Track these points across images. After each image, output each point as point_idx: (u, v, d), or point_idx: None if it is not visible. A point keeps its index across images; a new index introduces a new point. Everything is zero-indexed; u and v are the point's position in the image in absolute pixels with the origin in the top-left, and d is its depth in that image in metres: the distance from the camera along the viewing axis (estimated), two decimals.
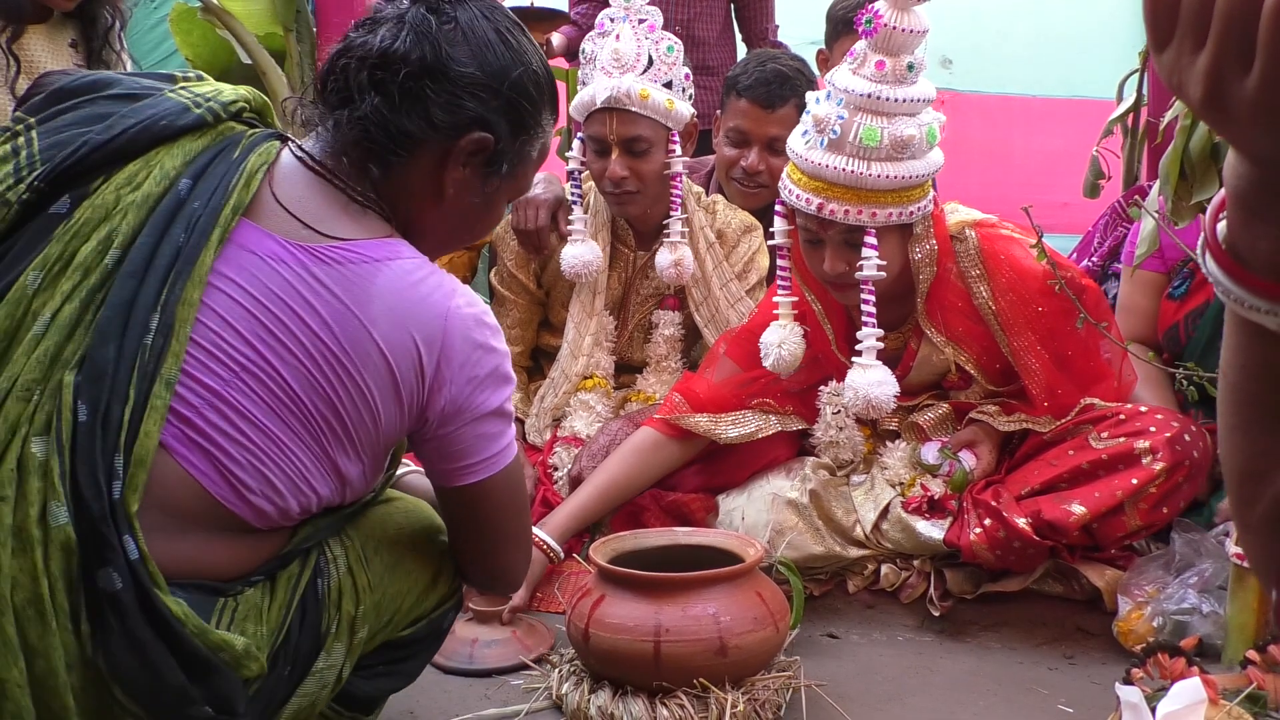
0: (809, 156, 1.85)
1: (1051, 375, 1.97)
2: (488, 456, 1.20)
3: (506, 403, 1.21)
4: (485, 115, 1.19)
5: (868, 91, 1.80)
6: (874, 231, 1.85)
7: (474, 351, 1.15)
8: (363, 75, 1.15)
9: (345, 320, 1.09)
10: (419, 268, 1.15)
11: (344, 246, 1.12)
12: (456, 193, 1.22)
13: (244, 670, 1.06)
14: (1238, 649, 1.63)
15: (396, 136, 1.16)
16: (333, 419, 1.10)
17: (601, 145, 2.22)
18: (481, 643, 1.79)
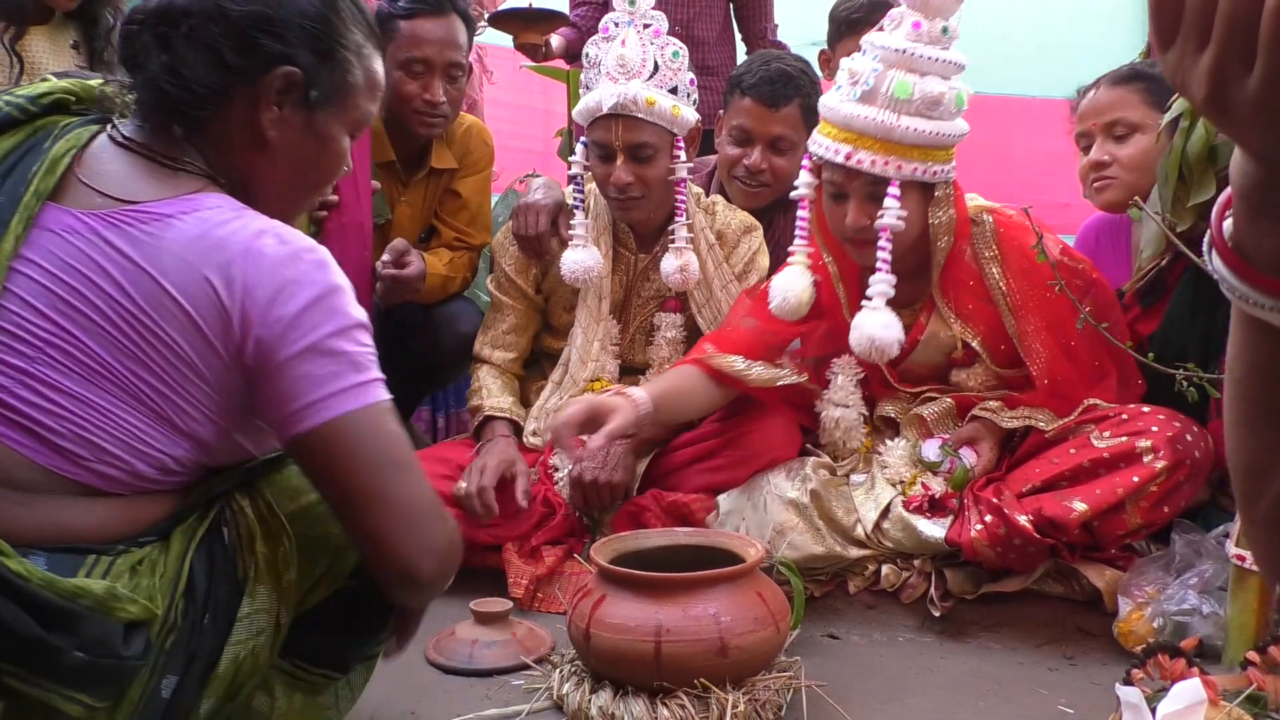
0: (841, 108, 1.92)
1: (1056, 361, 2.00)
2: (316, 399, 1.11)
3: (336, 340, 1.12)
4: (282, 50, 1.17)
5: (902, 48, 1.87)
6: (898, 184, 1.91)
7: (285, 285, 1.10)
8: (146, 36, 1.16)
9: (138, 279, 1.09)
10: (219, 214, 1.12)
11: (139, 208, 1.12)
12: (280, 135, 1.20)
13: (118, 612, 1.05)
14: (1238, 650, 1.63)
15: (195, 90, 1.15)
16: (149, 377, 1.10)
17: (606, 151, 2.22)
18: (481, 644, 1.79)
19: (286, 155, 1.22)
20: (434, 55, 2.48)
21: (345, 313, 1.14)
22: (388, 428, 1.16)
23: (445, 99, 2.52)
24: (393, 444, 1.17)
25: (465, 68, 2.58)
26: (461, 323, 2.62)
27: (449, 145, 2.68)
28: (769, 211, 2.59)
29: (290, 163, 1.23)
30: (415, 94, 2.50)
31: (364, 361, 1.15)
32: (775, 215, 2.62)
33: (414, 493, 1.17)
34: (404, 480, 1.16)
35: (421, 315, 2.61)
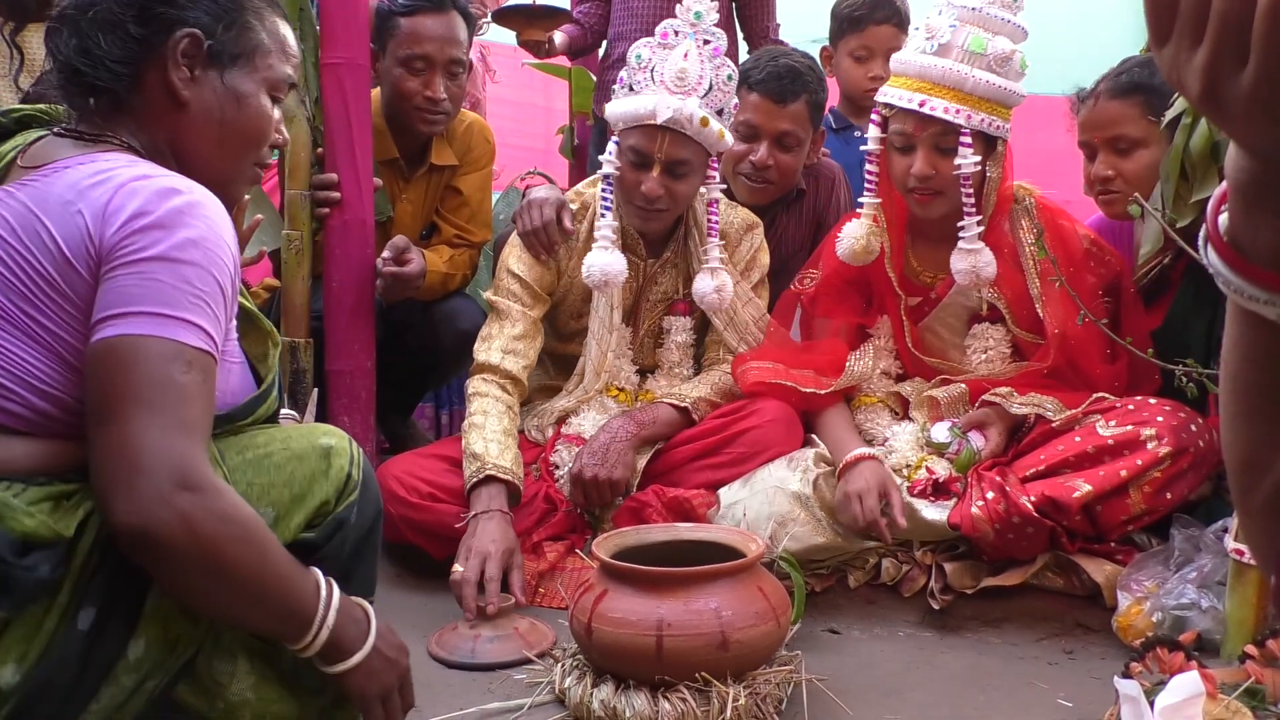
0: (915, 60, 2.05)
1: (1072, 322, 2.05)
2: (104, 316, 1.09)
3: (154, 265, 1.10)
4: (179, 14, 1.25)
5: (977, 6, 2.03)
6: (969, 132, 2.02)
7: (138, 212, 1.12)
8: (60, 27, 1.25)
9: (24, 219, 1.14)
10: (112, 162, 1.17)
11: (45, 167, 1.19)
12: (194, 95, 1.26)
13: (10, 521, 1.04)
14: (1236, 644, 1.64)
15: (107, 66, 1.23)
16: (36, 314, 1.13)
17: (644, 159, 2.18)
18: (484, 638, 1.80)
19: (205, 115, 1.27)
20: (435, 52, 2.49)
21: (181, 247, 1.12)
22: (150, 363, 1.08)
23: (446, 95, 2.52)
24: (149, 381, 1.07)
25: (466, 64, 2.59)
26: (461, 320, 2.63)
27: (450, 142, 2.69)
28: (772, 208, 2.59)
29: (211, 123, 1.28)
30: (416, 90, 2.51)
31: (174, 296, 1.10)
32: (778, 212, 2.63)
33: (140, 434, 1.06)
34: (133, 419, 1.06)
35: (421, 312, 2.62)
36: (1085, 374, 2.11)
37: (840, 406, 2.20)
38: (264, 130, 1.34)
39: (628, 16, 3.19)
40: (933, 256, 2.19)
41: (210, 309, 1.13)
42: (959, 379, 2.19)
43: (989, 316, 2.21)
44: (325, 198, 2.38)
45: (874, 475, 1.97)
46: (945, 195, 2.08)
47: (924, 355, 2.25)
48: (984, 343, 2.20)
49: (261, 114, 1.33)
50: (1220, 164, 1.94)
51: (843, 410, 2.20)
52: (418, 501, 2.11)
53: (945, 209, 2.09)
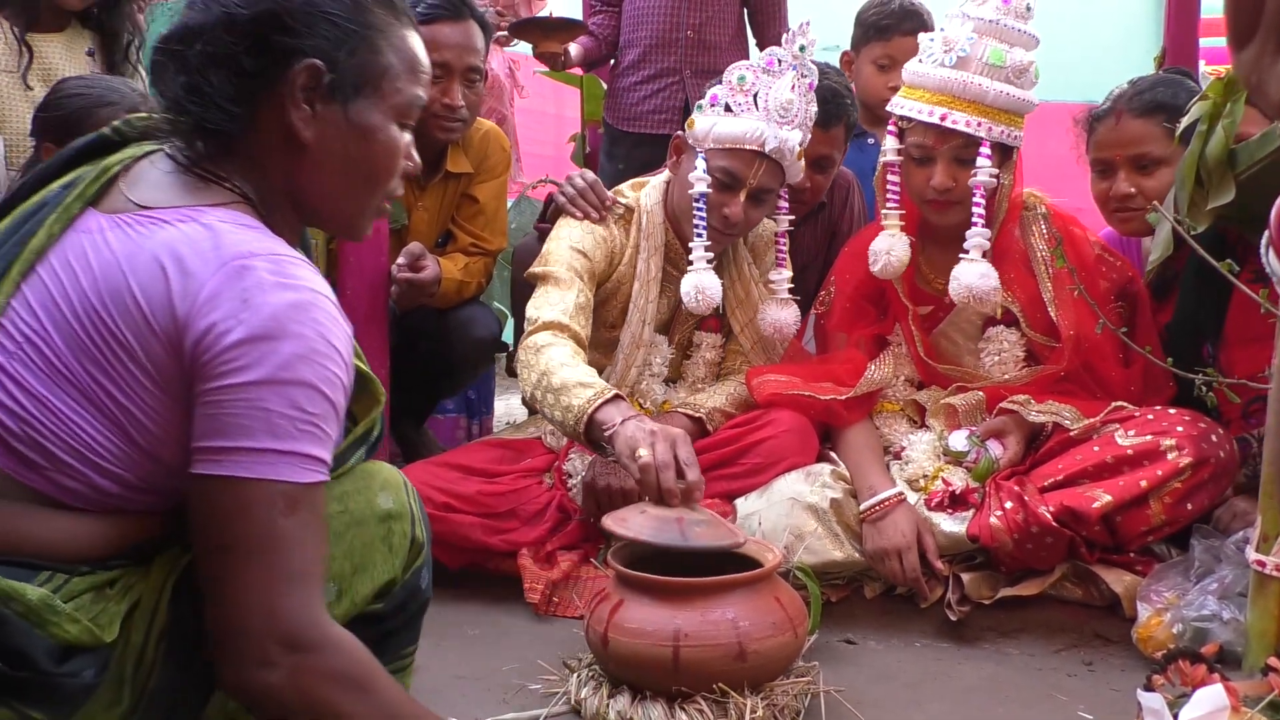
0: (934, 73, 2.06)
1: (1086, 325, 2.05)
2: (209, 446, 1.01)
3: (264, 390, 1.00)
4: (298, 43, 1.11)
5: (994, 19, 2.04)
6: (988, 144, 2.03)
7: (239, 307, 1.01)
8: (166, 62, 1.14)
9: (110, 275, 1.04)
10: (219, 225, 1.06)
11: (146, 212, 1.08)
12: (317, 134, 1.14)
13: (52, 627, 0.99)
14: (1259, 656, 1.62)
15: (219, 105, 1.11)
16: (106, 382, 1.04)
17: (734, 182, 2.14)
18: (689, 521, 1.62)
19: (330, 155, 1.16)
20: (452, 59, 2.50)
21: (289, 365, 1.01)
22: (256, 511, 1.01)
23: (463, 103, 2.53)
24: (253, 533, 1.01)
25: (483, 72, 2.60)
26: (476, 327, 2.63)
27: (466, 150, 2.69)
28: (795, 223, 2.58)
29: (336, 163, 1.16)
30: (434, 98, 2.51)
31: (282, 426, 1.01)
32: (803, 228, 2.61)
33: (244, 595, 1.01)
34: (238, 576, 1.01)
35: (436, 320, 2.62)
36: (1100, 377, 2.11)
37: (863, 426, 2.17)
38: (393, 163, 1.21)
39: (638, 23, 3.19)
40: (945, 264, 2.18)
41: (321, 430, 1.04)
42: (975, 385, 2.18)
43: (1003, 320, 2.21)
44: None
45: (909, 527, 1.95)
46: (963, 205, 2.08)
47: (937, 363, 2.24)
48: (998, 345, 2.19)
49: (390, 147, 1.20)
50: (1236, 171, 1.93)
51: (866, 430, 2.16)
52: (432, 512, 2.08)
53: (961, 217, 2.09)
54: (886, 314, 2.31)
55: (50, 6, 2.39)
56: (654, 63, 3.16)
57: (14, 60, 2.33)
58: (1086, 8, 4.38)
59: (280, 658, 1.00)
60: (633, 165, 2.82)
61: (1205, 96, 1.94)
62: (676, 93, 3.15)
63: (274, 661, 1.00)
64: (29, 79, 2.32)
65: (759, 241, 2.38)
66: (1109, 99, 2.28)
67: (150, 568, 1.10)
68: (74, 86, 2.05)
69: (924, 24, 2.96)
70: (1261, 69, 0.52)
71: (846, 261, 2.31)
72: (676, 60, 3.14)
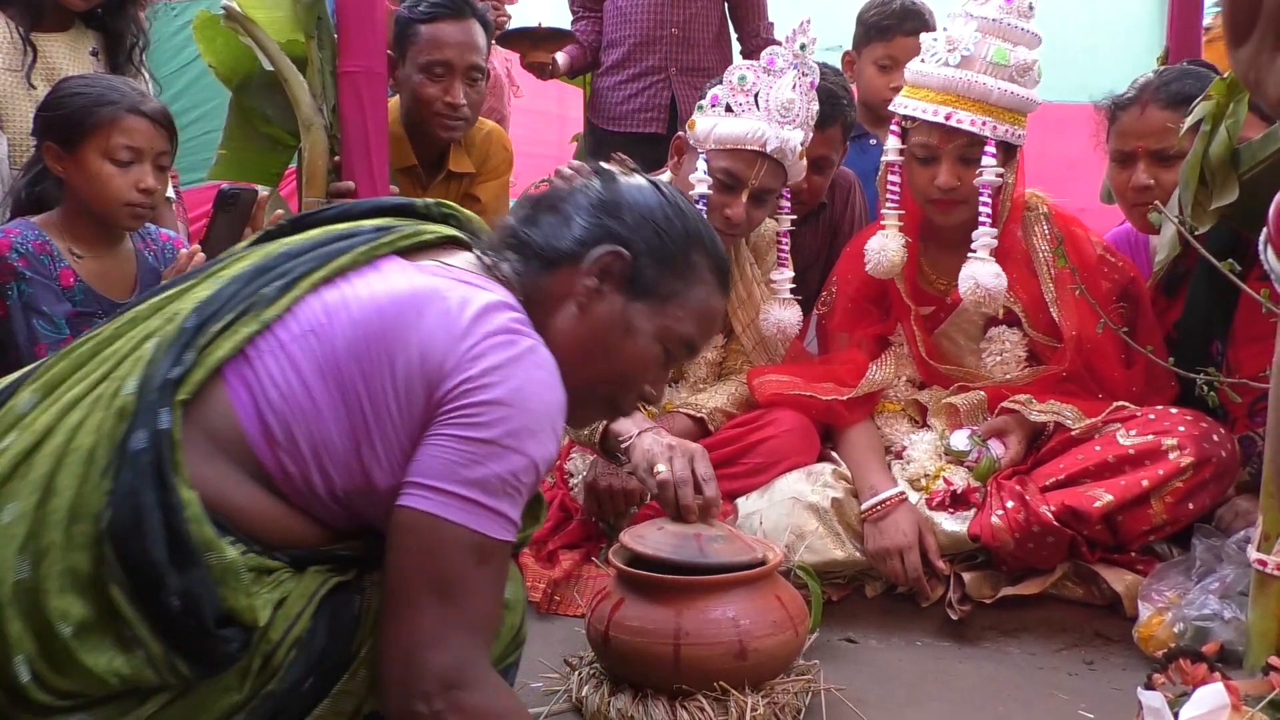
0: (939, 73, 2.04)
1: (1088, 325, 2.05)
2: (459, 494, 1.10)
3: (487, 450, 1.10)
4: (624, 233, 1.28)
5: (998, 18, 2.03)
6: (993, 143, 2.02)
7: (502, 366, 1.12)
8: (535, 204, 1.34)
9: (401, 301, 1.16)
10: (501, 302, 1.17)
11: (449, 269, 1.22)
12: (589, 306, 1.27)
13: (225, 590, 1.07)
14: (1260, 655, 1.62)
15: (544, 241, 1.28)
16: (363, 389, 1.13)
17: (735, 183, 2.13)
18: (706, 538, 1.62)
19: (589, 328, 1.27)
20: (454, 58, 2.50)
21: (519, 436, 1.11)
22: (452, 552, 1.10)
23: (466, 102, 2.53)
24: (446, 572, 1.10)
25: (485, 71, 2.61)
26: None
27: (468, 150, 2.70)
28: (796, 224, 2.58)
29: (590, 337, 1.27)
30: (436, 97, 2.52)
31: (496, 486, 1.11)
32: (804, 229, 2.61)
33: (422, 628, 1.09)
34: (421, 610, 1.09)
35: None
36: (1102, 377, 2.11)
37: (864, 426, 2.17)
38: (637, 375, 1.31)
39: (621, 23, 3.18)
40: (947, 263, 2.19)
41: (521, 497, 1.14)
42: (976, 385, 2.18)
43: (1005, 320, 2.20)
44: None
45: (911, 526, 1.95)
46: (967, 204, 2.08)
47: (939, 363, 2.24)
48: (1000, 345, 2.19)
49: (643, 357, 1.30)
50: (1240, 171, 1.93)
51: (867, 430, 2.17)
52: None
53: (965, 216, 2.09)
54: (888, 314, 2.31)
55: (54, 6, 2.40)
56: (638, 62, 3.15)
57: (18, 59, 2.33)
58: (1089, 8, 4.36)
59: (439, 696, 1.08)
60: None
61: (1209, 96, 1.94)
62: (662, 91, 3.14)
63: (431, 697, 1.07)
64: (33, 78, 2.33)
65: (761, 241, 2.38)
66: (1134, 88, 2.24)
67: (304, 575, 1.16)
68: (75, 85, 2.05)
69: (925, 24, 2.96)
70: (1260, 66, 0.52)
71: (848, 262, 2.31)
72: (661, 58, 3.13)
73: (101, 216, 2.03)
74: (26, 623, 1.02)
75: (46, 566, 1.03)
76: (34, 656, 1.02)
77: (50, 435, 1.09)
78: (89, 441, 1.07)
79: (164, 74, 3.21)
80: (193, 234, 2.67)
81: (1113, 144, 2.28)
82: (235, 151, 2.61)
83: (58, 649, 1.03)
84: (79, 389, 1.13)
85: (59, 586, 1.03)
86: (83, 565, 1.04)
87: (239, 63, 2.54)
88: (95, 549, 1.04)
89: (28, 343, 1.94)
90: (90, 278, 2.04)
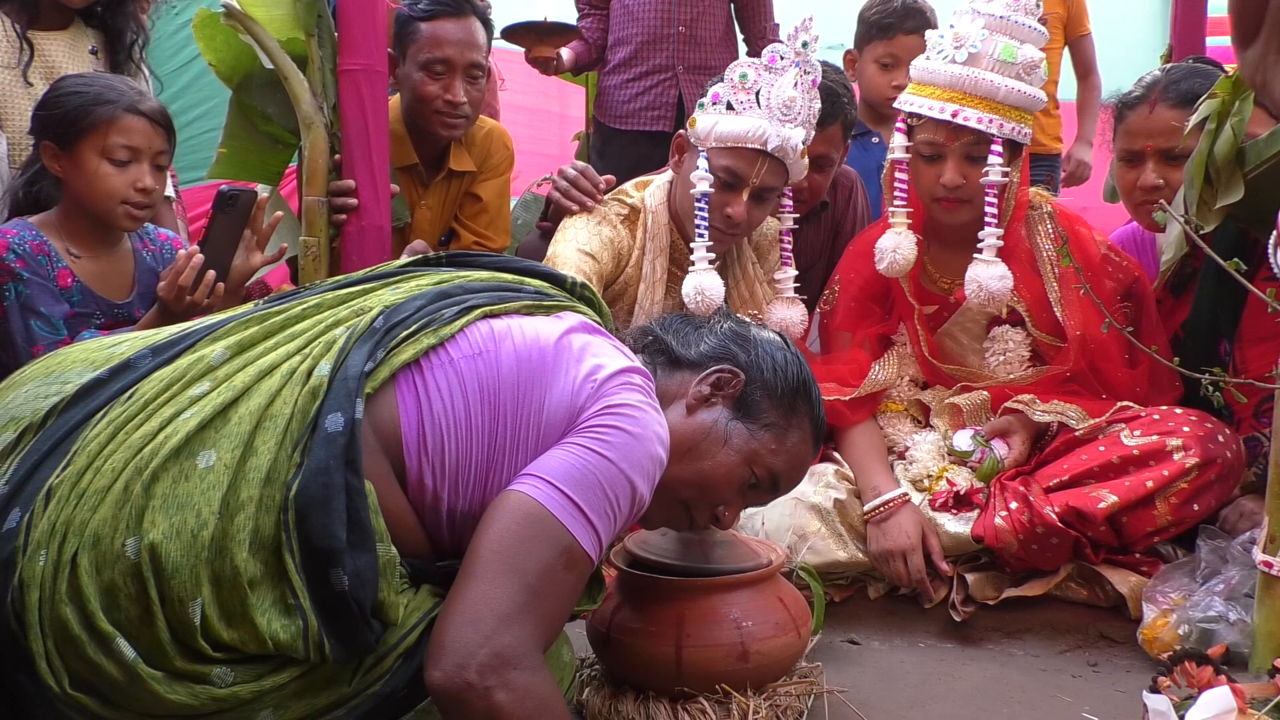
0: (945, 70, 2.03)
1: (1092, 324, 2.04)
2: (570, 495, 1.18)
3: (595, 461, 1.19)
4: (745, 361, 1.42)
5: (1005, 15, 2.02)
6: (1000, 142, 2.01)
7: (636, 401, 1.24)
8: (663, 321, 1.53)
9: (561, 345, 1.28)
10: (641, 367, 1.32)
11: (604, 333, 1.37)
12: (694, 411, 1.40)
13: (384, 584, 1.14)
14: (1265, 657, 1.61)
15: (667, 345, 1.45)
16: (510, 419, 1.23)
17: (736, 181, 2.11)
18: (710, 544, 1.62)
19: (690, 430, 1.39)
20: (455, 56, 2.49)
21: (639, 466, 1.22)
22: (548, 545, 1.16)
23: (466, 100, 2.52)
24: (538, 560, 1.15)
25: (485, 69, 2.60)
26: None
27: (469, 148, 2.69)
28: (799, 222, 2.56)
29: (688, 437, 1.38)
30: (436, 94, 2.51)
31: (599, 503, 1.19)
32: (806, 227, 2.60)
33: (501, 602, 1.13)
34: (505, 585, 1.13)
35: None
36: (1106, 378, 2.09)
37: (866, 426, 2.16)
38: (718, 488, 1.40)
39: (628, 21, 3.17)
40: (951, 262, 2.18)
41: (614, 527, 1.22)
42: (979, 385, 2.17)
43: (1009, 320, 2.19)
44: (342, 204, 2.38)
45: (914, 528, 1.94)
46: (972, 203, 2.07)
47: (942, 363, 2.23)
48: (1003, 345, 2.18)
49: (730, 474, 1.40)
50: (1245, 169, 1.91)
51: (869, 430, 2.16)
52: None
53: (970, 216, 2.08)
54: (891, 313, 2.30)
55: (53, 3, 2.39)
56: (645, 60, 3.14)
57: (15, 57, 2.32)
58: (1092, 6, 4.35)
59: (495, 667, 1.10)
60: (626, 164, 2.80)
61: (1214, 94, 1.93)
62: (669, 89, 3.13)
63: (487, 668, 1.10)
64: (31, 76, 2.32)
65: (763, 241, 2.37)
66: (1142, 86, 2.22)
67: (420, 590, 1.25)
68: (73, 84, 2.03)
69: (927, 22, 2.95)
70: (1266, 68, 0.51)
71: (851, 261, 2.30)
72: (668, 57, 3.12)
73: (99, 216, 2.02)
74: (210, 569, 1.09)
75: (241, 520, 1.10)
76: (208, 603, 1.09)
77: (248, 394, 1.17)
78: (286, 411, 1.16)
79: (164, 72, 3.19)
80: (192, 234, 2.66)
81: (1120, 143, 2.26)
82: (235, 150, 2.60)
83: (236, 600, 1.09)
84: (273, 356, 1.22)
85: (247, 541, 1.10)
86: (267, 527, 1.11)
87: (239, 61, 2.53)
88: (279, 514, 1.12)
89: (25, 344, 1.92)
90: (88, 278, 2.03)
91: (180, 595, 1.08)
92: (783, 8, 3.34)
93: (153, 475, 1.10)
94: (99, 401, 1.18)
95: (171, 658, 1.08)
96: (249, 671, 1.11)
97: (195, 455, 1.12)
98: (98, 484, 1.10)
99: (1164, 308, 2.20)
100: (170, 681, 1.08)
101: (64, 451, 1.13)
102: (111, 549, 1.08)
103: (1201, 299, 2.12)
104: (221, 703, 1.10)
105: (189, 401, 1.16)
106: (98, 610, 1.07)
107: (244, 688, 1.10)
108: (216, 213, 2.04)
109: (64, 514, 1.08)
